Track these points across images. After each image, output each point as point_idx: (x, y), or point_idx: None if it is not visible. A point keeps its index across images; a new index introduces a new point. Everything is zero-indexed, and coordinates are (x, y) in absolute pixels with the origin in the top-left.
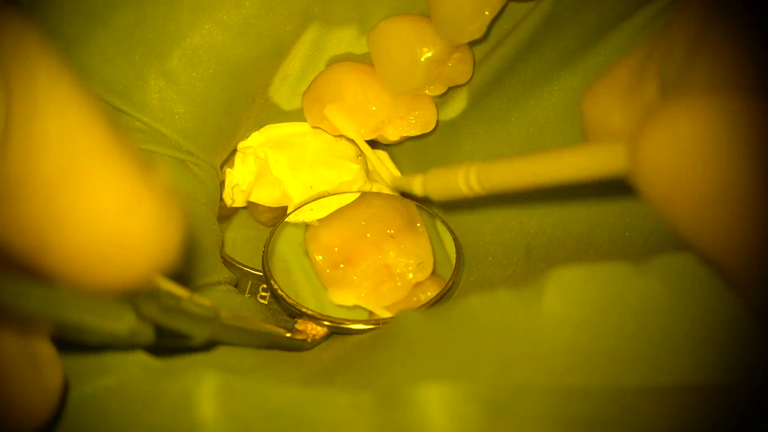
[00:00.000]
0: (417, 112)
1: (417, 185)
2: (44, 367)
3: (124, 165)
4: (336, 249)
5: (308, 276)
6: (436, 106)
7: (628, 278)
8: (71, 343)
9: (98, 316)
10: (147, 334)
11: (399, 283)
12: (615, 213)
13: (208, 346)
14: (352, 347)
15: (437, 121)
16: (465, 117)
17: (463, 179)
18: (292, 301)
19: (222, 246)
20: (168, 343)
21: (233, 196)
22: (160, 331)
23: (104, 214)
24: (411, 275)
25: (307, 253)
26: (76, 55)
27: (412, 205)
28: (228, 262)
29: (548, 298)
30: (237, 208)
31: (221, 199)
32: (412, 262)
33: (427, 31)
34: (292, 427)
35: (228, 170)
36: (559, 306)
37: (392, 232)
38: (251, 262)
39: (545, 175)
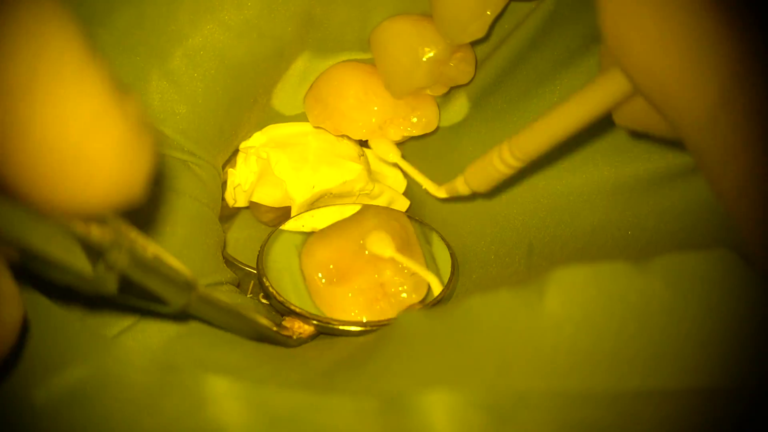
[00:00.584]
0: (419, 112)
1: (461, 186)
2: (3, 302)
3: (94, 82)
4: (331, 266)
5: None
6: (438, 105)
7: (630, 278)
8: (37, 277)
9: (64, 251)
10: (113, 285)
11: (392, 302)
12: (617, 212)
13: (183, 317)
14: (355, 348)
15: (439, 121)
16: (467, 116)
17: (498, 161)
18: (282, 299)
19: (224, 246)
20: (140, 305)
21: (235, 197)
22: (132, 288)
23: (65, 126)
24: (405, 295)
25: (301, 268)
26: None
27: (408, 224)
28: (230, 262)
29: (550, 299)
30: (239, 209)
31: (223, 199)
32: (407, 282)
33: (429, 31)
34: None
35: (230, 170)
36: (560, 306)
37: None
38: (253, 263)
39: (567, 125)
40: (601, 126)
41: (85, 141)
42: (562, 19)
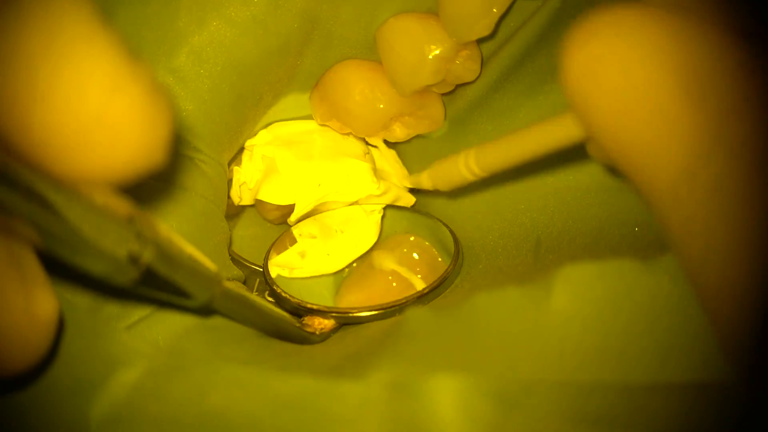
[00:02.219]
0: (425, 110)
1: (425, 181)
2: (35, 293)
3: (108, 48)
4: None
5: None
6: (444, 103)
7: (637, 275)
8: (59, 267)
9: (97, 230)
10: (135, 276)
11: None
12: (626, 209)
13: (206, 312)
14: (362, 343)
15: (445, 119)
16: (473, 114)
17: (464, 166)
18: (297, 300)
19: (230, 244)
20: (162, 297)
21: (241, 194)
22: (157, 281)
23: (85, 92)
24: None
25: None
26: None
27: (424, 244)
28: (235, 260)
29: (557, 296)
30: (245, 206)
31: (229, 197)
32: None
33: (435, 29)
34: (302, 419)
35: (236, 168)
36: (567, 303)
37: (419, 277)
38: (259, 260)
39: (531, 150)
40: None
41: (106, 104)
42: (569, 17)
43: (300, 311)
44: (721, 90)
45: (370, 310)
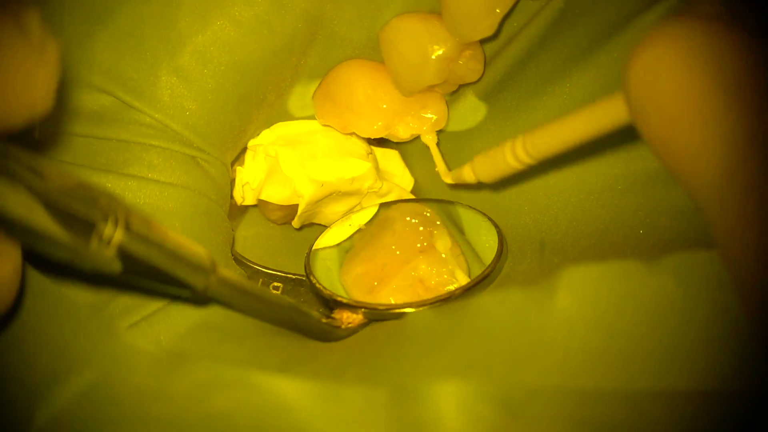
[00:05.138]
0: (428, 110)
1: (467, 174)
2: None
3: None
4: (366, 276)
5: None
6: (447, 103)
7: (641, 277)
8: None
9: (47, 221)
10: (114, 262)
11: (438, 293)
12: (630, 211)
13: (205, 302)
14: (365, 343)
15: (448, 119)
16: (476, 114)
17: (510, 154)
18: (329, 291)
19: (233, 244)
20: (156, 288)
21: (244, 194)
22: (140, 267)
23: None
24: (451, 287)
25: (342, 286)
26: (85, 51)
27: (432, 213)
28: (238, 260)
29: (561, 297)
30: (247, 207)
31: (231, 197)
32: (445, 270)
33: (438, 29)
34: (305, 422)
35: (238, 168)
36: (571, 305)
37: (420, 246)
38: (262, 260)
39: (587, 130)
40: None
41: None
42: (572, 17)
43: (331, 304)
44: (754, 90)
45: (400, 308)
